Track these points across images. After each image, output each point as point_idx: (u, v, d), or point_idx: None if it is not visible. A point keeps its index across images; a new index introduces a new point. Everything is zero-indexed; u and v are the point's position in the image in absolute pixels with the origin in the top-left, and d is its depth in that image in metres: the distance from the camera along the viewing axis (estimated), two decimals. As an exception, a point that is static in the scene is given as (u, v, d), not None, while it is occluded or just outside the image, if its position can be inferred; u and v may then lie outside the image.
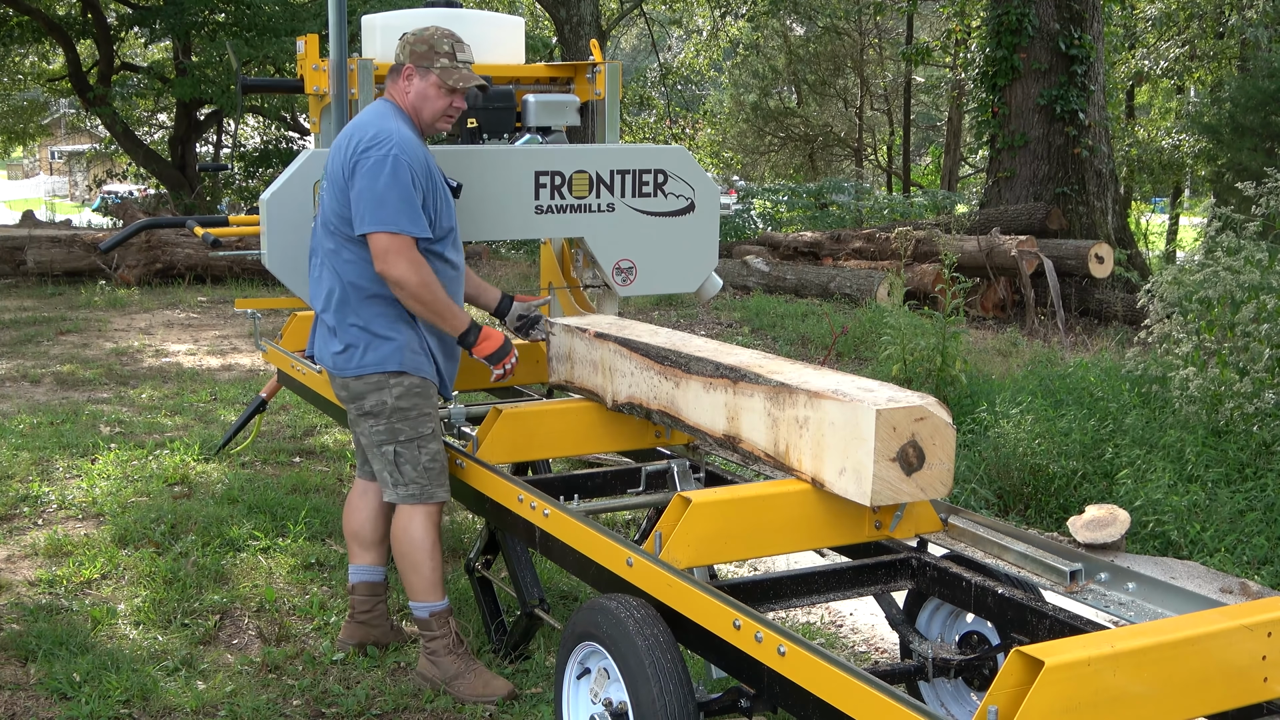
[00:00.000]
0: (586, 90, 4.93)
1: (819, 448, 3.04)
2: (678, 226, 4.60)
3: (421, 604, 3.82)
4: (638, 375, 3.73)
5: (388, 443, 3.75)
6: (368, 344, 3.71)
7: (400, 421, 3.73)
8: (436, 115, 3.77)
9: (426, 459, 3.77)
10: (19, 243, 13.99)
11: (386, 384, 3.71)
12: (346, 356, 3.73)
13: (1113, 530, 3.04)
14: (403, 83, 3.75)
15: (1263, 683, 2.43)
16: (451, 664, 3.77)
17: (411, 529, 3.79)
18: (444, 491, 3.83)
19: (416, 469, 3.76)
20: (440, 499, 3.82)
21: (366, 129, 3.64)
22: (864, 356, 9.21)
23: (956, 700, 3.42)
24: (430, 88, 3.73)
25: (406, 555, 3.81)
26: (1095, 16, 13.87)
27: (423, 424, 3.75)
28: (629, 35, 34.32)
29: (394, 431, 3.74)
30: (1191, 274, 6.01)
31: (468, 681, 3.74)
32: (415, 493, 3.77)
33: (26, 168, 52.44)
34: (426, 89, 3.73)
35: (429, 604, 3.81)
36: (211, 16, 18.76)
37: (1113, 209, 14.17)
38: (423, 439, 3.76)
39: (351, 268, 3.69)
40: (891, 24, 28.46)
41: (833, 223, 19.36)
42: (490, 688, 3.73)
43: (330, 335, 3.77)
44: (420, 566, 3.80)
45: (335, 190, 3.67)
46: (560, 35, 17.04)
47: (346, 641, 4.07)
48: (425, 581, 3.80)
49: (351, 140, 3.65)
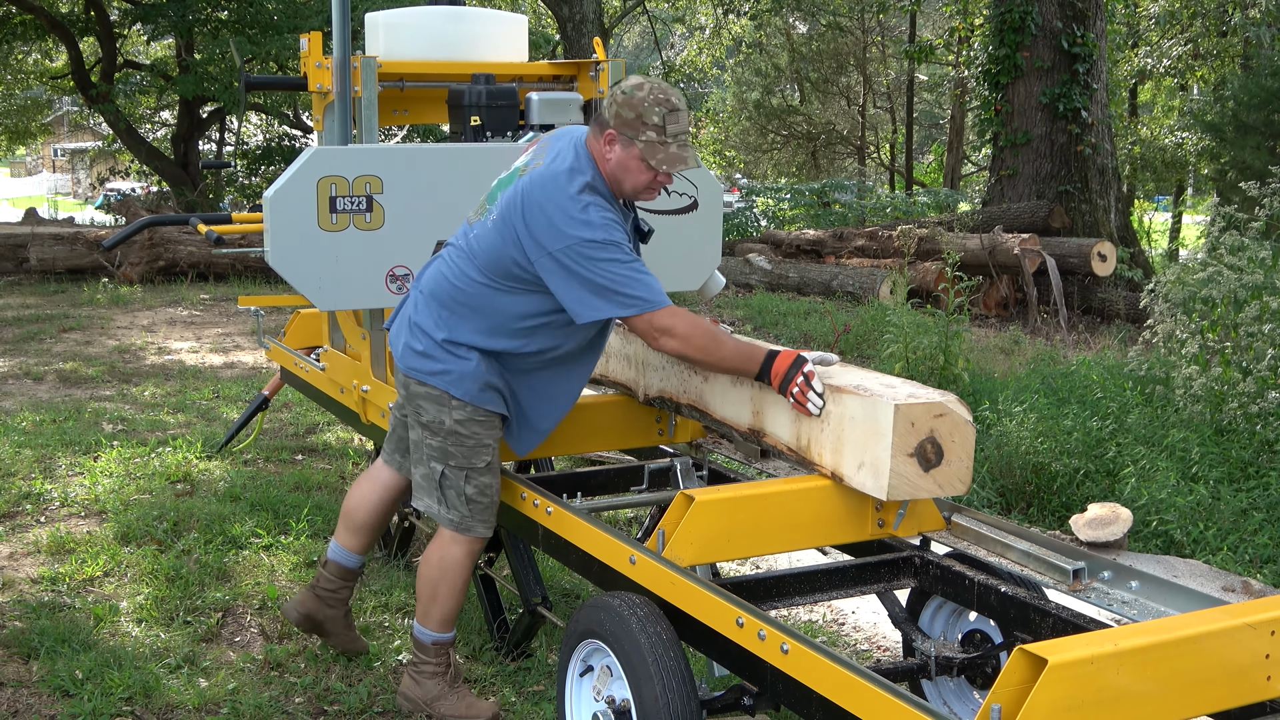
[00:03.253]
0: (589, 88, 4.93)
1: (839, 442, 3.05)
2: (680, 224, 4.59)
3: (428, 631, 3.62)
4: (668, 370, 3.75)
5: (437, 461, 3.51)
6: (449, 357, 3.42)
7: (455, 446, 3.47)
8: (638, 189, 3.33)
9: (473, 491, 3.51)
10: (22, 240, 14.00)
11: (449, 403, 3.43)
12: (421, 359, 3.45)
13: (1115, 529, 3.04)
14: (604, 146, 3.29)
15: (1265, 681, 2.43)
16: (435, 686, 3.59)
17: (447, 557, 3.55)
18: (484, 528, 3.56)
19: (460, 498, 3.51)
20: (478, 534, 3.55)
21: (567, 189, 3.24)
22: (867, 355, 9.21)
23: (959, 699, 3.42)
24: (633, 160, 3.27)
25: (431, 581, 3.59)
26: (1098, 14, 13.85)
27: (478, 456, 3.48)
28: (631, 33, 34.32)
29: (446, 454, 3.49)
30: (1194, 273, 6.01)
31: (450, 703, 3.57)
32: (455, 520, 3.53)
33: (29, 165, 52.49)
34: (628, 161, 3.28)
35: (436, 634, 3.62)
36: (214, 14, 18.76)
37: (1115, 207, 14.16)
38: (474, 470, 3.50)
39: (485, 293, 3.37)
40: (894, 22, 28.44)
41: (835, 221, 19.35)
42: (474, 709, 3.56)
43: (417, 330, 3.48)
44: (441, 598, 3.58)
45: (507, 228, 3.31)
46: (563, 33, 17.03)
47: (294, 609, 3.92)
48: (441, 612, 3.59)
49: (550, 196, 3.24)
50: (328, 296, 4.09)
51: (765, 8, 24.41)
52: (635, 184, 3.31)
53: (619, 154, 3.28)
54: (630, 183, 3.31)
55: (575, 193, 3.22)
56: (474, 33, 4.72)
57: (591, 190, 3.26)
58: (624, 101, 3.26)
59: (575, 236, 3.18)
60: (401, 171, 4.07)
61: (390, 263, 4.09)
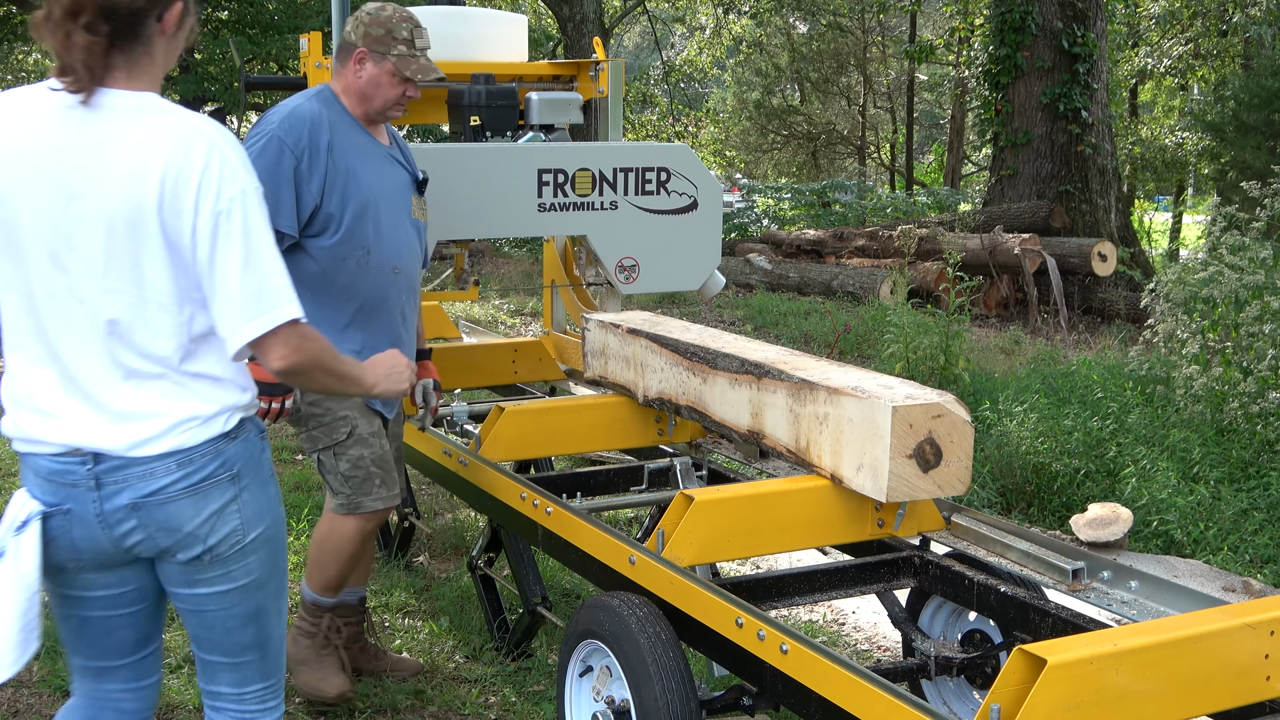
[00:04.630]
0: (589, 88, 4.93)
1: (838, 444, 3.06)
2: (680, 224, 4.60)
3: (308, 589, 3.66)
4: (667, 371, 3.75)
5: (311, 451, 3.54)
6: None
7: (316, 428, 3.49)
8: (389, 104, 3.52)
9: (346, 466, 3.49)
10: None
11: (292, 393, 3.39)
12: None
13: (1115, 529, 3.04)
14: (354, 65, 3.48)
15: (1265, 681, 2.42)
16: (306, 650, 3.63)
17: (336, 530, 3.57)
18: (374, 501, 3.54)
19: (339, 478, 3.51)
20: (369, 509, 3.54)
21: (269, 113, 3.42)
22: (867, 355, 9.21)
23: (959, 699, 3.42)
24: (384, 75, 3.47)
25: (318, 546, 3.61)
26: (1098, 14, 13.85)
27: (337, 430, 3.48)
28: (632, 33, 34.31)
29: (314, 440, 3.51)
30: (1195, 273, 6.01)
31: (307, 672, 3.61)
32: (344, 503, 3.53)
33: (30, 165, 52.56)
34: (380, 76, 3.47)
35: (318, 596, 3.65)
36: (214, 14, 18.75)
37: (1116, 207, 14.16)
38: (340, 445, 3.48)
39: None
40: (895, 22, 28.43)
41: (836, 221, 19.34)
42: (324, 684, 3.59)
43: None
44: (325, 564, 3.61)
45: None
46: (563, 32, 17.04)
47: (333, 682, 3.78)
48: (323, 576, 3.62)
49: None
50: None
51: (766, 6, 24.41)
52: (386, 99, 3.49)
53: (370, 71, 3.46)
54: (381, 98, 3.48)
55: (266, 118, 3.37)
56: (474, 33, 4.72)
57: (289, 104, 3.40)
58: (370, 21, 3.46)
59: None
60: (401, 171, 4.06)
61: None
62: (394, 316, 3.58)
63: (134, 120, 2.13)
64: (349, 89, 3.51)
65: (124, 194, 2.10)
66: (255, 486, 2.29)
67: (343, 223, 3.41)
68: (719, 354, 3.52)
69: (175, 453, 2.19)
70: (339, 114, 3.49)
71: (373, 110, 3.52)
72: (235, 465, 2.25)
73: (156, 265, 2.14)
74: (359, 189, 3.44)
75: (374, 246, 3.47)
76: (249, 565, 2.31)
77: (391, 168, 3.58)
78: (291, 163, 3.33)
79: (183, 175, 2.10)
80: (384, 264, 3.51)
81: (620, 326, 4.00)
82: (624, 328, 3.97)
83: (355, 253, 3.44)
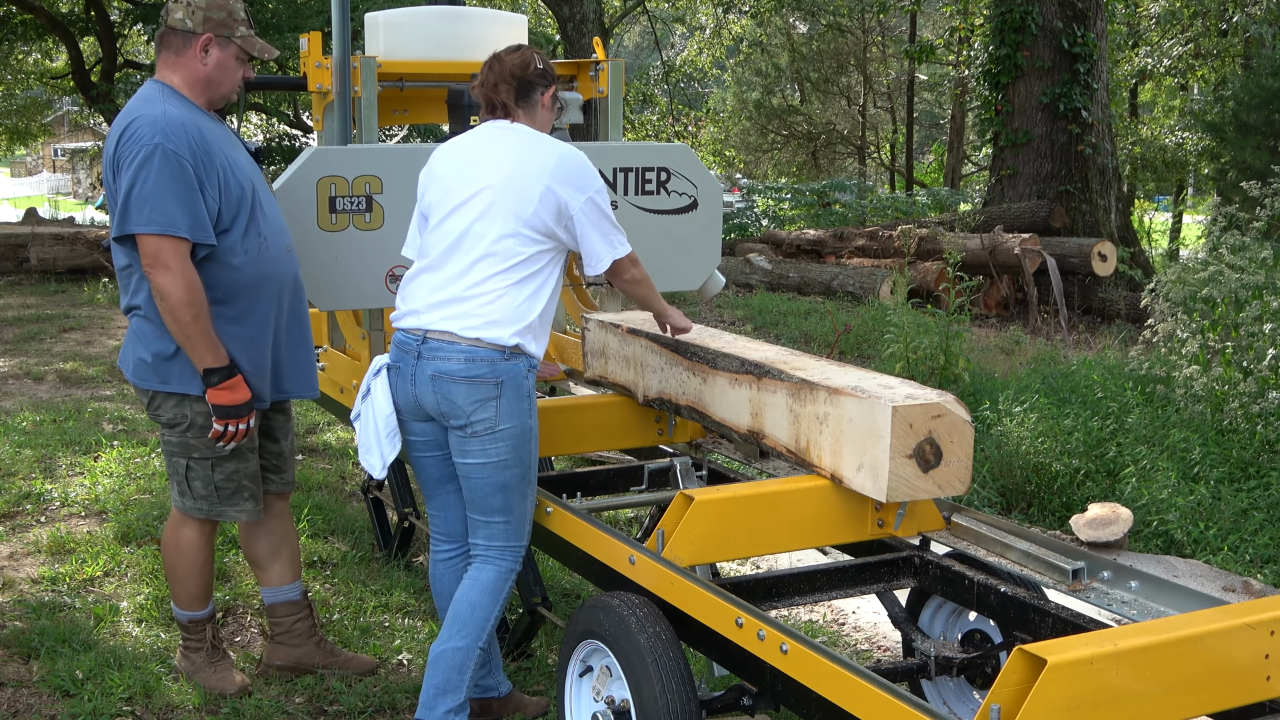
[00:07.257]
0: (589, 88, 4.93)
1: (838, 444, 3.06)
2: (680, 224, 4.59)
3: (181, 610, 3.72)
4: (667, 371, 3.75)
5: (179, 455, 3.50)
6: (173, 364, 3.39)
7: (196, 439, 3.46)
8: (234, 88, 3.42)
9: (221, 477, 3.50)
10: (22, 240, 14.01)
11: (188, 400, 3.42)
12: (150, 371, 3.42)
13: (1115, 529, 3.03)
14: (197, 53, 3.34)
15: (1265, 681, 2.42)
16: (200, 661, 3.72)
17: (183, 539, 3.60)
18: (236, 511, 3.55)
19: (209, 485, 3.51)
20: (229, 518, 3.58)
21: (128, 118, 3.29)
22: (867, 355, 9.21)
23: (959, 699, 3.42)
24: (230, 58, 3.38)
25: (171, 564, 3.66)
26: (1098, 14, 13.85)
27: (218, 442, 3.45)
28: (632, 33, 34.30)
29: (188, 447, 3.48)
30: (1195, 273, 6.01)
31: (206, 675, 3.70)
32: (203, 508, 3.54)
33: (30, 165, 52.49)
34: (227, 60, 3.37)
35: (191, 613, 3.71)
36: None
37: (1116, 207, 14.16)
38: (220, 459, 3.49)
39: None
40: (895, 22, 28.42)
41: (836, 221, 19.35)
42: (224, 684, 3.69)
43: (136, 340, 3.45)
44: (183, 578, 3.65)
45: (109, 194, 3.35)
46: (563, 33, 17.03)
47: (270, 662, 3.87)
48: (187, 592, 3.67)
49: (112, 134, 3.32)
50: (327, 297, 4.09)
51: (766, 6, 24.40)
52: (234, 82, 3.42)
53: (216, 56, 3.36)
54: (229, 82, 3.41)
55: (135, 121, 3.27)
56: (474, 33, 4.71)
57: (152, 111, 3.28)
58: (209, 5, 3.34)
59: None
60: (401, 172, 4.06)
61: (390, 263, 4.08)
62: (299, 291, 3.61)
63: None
64: (193, 79, 3.38)
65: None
66: (512, 395, 3.15)
67: (238, 216, 3.38)
68: (719, 354, 3.52)
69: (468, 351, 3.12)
70: (191, 108, 3.37)
71: (218, 96, 3.42)
72: (501, 376, 3.12)
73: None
74: (238, 178, 3.39)
75: (266, 231, 3.46)
76: (500, 448, 3.16)
77: (242, 149, 3.54)
78: (192, 170, 3.25)
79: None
80: (279, 244, 3.51)
81: (620, 326, 4.00)
82: (624, 328, 3.97)
83: (255, 242, 3.42)
